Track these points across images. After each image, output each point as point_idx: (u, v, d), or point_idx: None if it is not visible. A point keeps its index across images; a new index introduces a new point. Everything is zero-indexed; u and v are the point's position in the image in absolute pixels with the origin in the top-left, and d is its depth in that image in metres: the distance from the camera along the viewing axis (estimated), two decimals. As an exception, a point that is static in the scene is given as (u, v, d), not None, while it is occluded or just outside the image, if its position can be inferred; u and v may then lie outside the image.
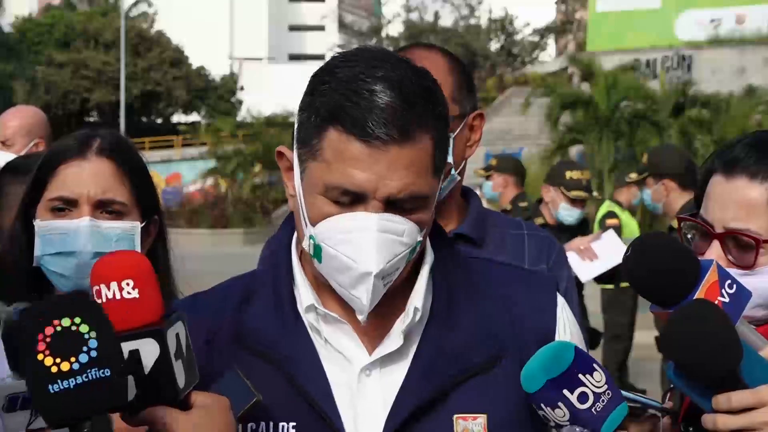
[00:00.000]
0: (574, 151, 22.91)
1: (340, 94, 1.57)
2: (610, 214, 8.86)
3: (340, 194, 1.57)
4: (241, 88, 55.18)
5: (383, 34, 49.66)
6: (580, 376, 1.57)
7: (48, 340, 1.28)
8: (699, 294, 1.61)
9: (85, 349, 1.29)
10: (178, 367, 1.40)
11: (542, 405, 1.57)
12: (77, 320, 1.30)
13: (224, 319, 1.70)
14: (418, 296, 1.67)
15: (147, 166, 2.29)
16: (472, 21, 49.77)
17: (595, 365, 1.59)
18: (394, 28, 50.13)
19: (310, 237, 1.61)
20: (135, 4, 52.19)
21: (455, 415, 1.62)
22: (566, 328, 1.74)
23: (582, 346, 1.76)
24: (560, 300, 1.76)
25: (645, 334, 9.10)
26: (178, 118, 54.53)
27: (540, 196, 6.79)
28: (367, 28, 51.57)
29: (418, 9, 49.82)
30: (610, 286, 8.54)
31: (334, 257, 1.58)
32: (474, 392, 1.63)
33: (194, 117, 53.94)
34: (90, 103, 50.08)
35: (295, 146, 1.66)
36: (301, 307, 1.68)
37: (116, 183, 2.16)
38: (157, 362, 1.38)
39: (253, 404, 1.56)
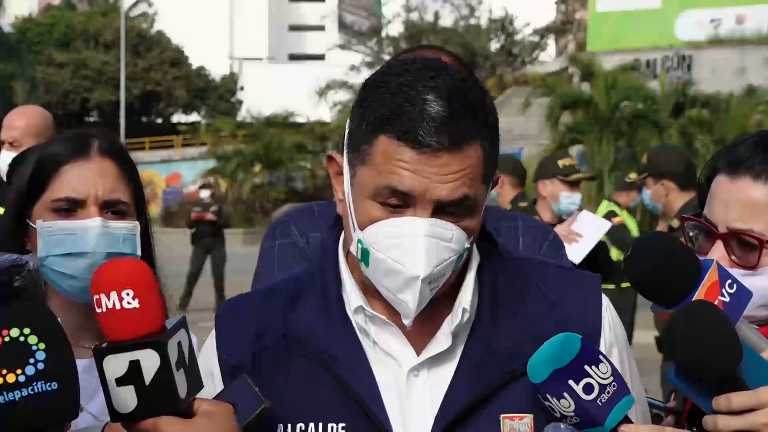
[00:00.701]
0: (574, 151, 22.91)
1: (391, 103, 1.58)
2: (613, 213, 8.87)
3: (389, 197, 1.58)
4: (241, 88, 55.18)
5: (383, 34, 49.66)
6: (586, 367, 1.58)
7: None
8: (699, 293, 1.62)
9: (32, 361, 1.28)
10: (180, 377, 1.40)
11: (548, 395, 1.58)
12: (26, 331, 1.28)
13: (271, 321, 1.72)
14: (466, 297, 1.68)
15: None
16: (472, 21, 49.74)
17: (601, 357, 1.60)
18: (394, 28, 50.11)
19: (358, 241, 1.62)
20: (135, 4, 52.15)
21: (502, 415, 1.64)
22: (612, 329, 1.76)
23: (627, 346, 1.79)
24: (605, 300, 1.77)
25: (645, 334, 9.10)
26: (178, 118, 54.54)
27: (535, 197, 6.79)
28: (367, 28, 51.52)
29: (418, 9, 49.80)
30: (611, 286, 8.54)
31: (382, 261, 1.59)
32: (520, 392, 1.64)
33: (194, 117, 53.95)
34: (90, 103, 50.11)
35: (345, 152, 1.67)
36: (349, 309, 1.70)
37: (120, 183, 2.16)
38: (157, 373, 1.37)
39: (261, 412, 1.55)
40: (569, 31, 48.75)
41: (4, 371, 1.26)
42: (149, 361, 1.36)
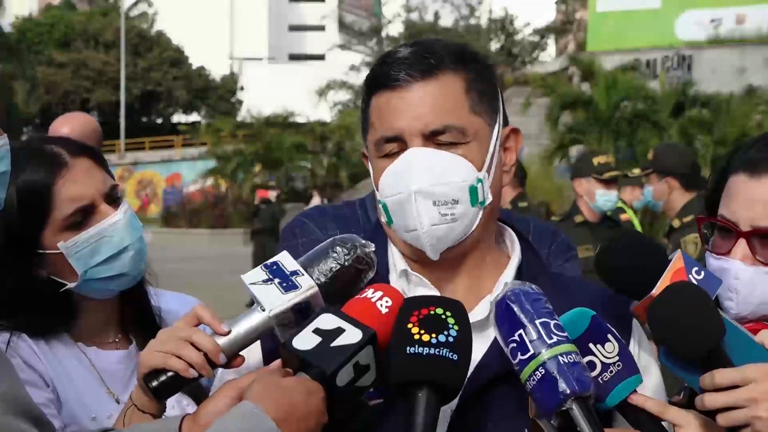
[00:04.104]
0: (574, 151, 22.92)
1: (374, 66, 1.78)
2: (620, 210, 8.89)
3: (385, 144, 1.71)
4: (241, 88, 55.18)
5: (383, 34, 49.67)
6: (591, 345, 1.63)
7: (421, 317, 1.59)
8: (664, 279, 1.67)
9: (445, 333, 1.58)
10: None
11: None
12: (448, 313, 1.60)
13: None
14: (509, 275, 1.78)
15: None
16: (472, 21, 49.79)
17: (610, 336, 1.64)
18: (394, 28, 50.14)
19: (378, 201, 1.74)
20: (135, 4, 52.24)
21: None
22: (641, 342, 1.80)
23: (655, 363, 1.81)
24: (635, 323, 1.81)
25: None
26: (178, 118, 54.55)
27: (573, 201, 6.81)
28: (367, 28, 51.53)
29: (418, 9, 49.84)
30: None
31: (392, 204, 1.70)
32: None
33: (194, 117, 53.97)
34: (90, 103, 50.10)
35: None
36: (393, 277, 1.79)
37: (103, 173, 2.18)
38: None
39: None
40: (569, 31, 48.73)
41: (422, 331, 1.57)
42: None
